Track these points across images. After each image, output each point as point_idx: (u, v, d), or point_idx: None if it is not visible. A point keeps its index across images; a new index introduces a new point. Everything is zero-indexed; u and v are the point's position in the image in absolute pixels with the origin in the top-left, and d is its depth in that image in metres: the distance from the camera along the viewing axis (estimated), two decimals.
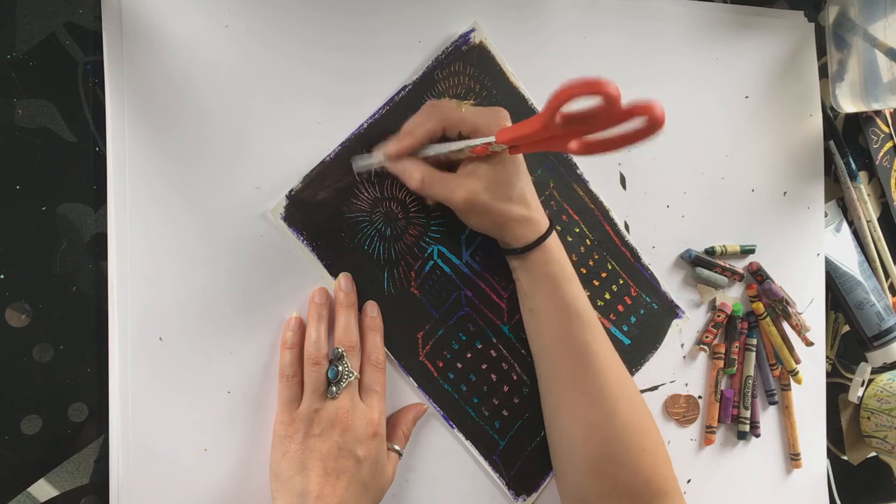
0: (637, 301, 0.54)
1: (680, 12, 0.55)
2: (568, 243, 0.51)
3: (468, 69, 0.48)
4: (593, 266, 0.52)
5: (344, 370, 0.41)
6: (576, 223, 0.52)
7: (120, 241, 0.41)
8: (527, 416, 0.50)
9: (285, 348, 0.43)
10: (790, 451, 0.59)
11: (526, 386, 0.50)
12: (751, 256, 0.58)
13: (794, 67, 0.59)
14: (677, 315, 0.55)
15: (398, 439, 0.45)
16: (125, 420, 0.41)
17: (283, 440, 0.41)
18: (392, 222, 0.47)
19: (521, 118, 0.41)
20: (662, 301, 0.55)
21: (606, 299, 0.53)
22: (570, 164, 0.52)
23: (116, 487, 0.41)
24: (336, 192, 0.45)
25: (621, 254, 0.53)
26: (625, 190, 0.54)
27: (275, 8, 0.44)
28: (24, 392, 0.40)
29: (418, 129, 0.43)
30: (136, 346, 0.41)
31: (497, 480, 0.49)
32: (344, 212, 0.46)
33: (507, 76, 0.50)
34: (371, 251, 0.47)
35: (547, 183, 0.51)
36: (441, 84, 0.48)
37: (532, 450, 0.50)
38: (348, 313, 0.44)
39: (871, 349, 0.62)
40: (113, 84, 0.41)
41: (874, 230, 0.63)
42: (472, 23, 0.48)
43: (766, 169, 0.58)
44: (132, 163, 0.41)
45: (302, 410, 0.41)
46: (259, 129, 0.44)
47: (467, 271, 0.49)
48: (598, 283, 0.53)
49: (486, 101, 0.49)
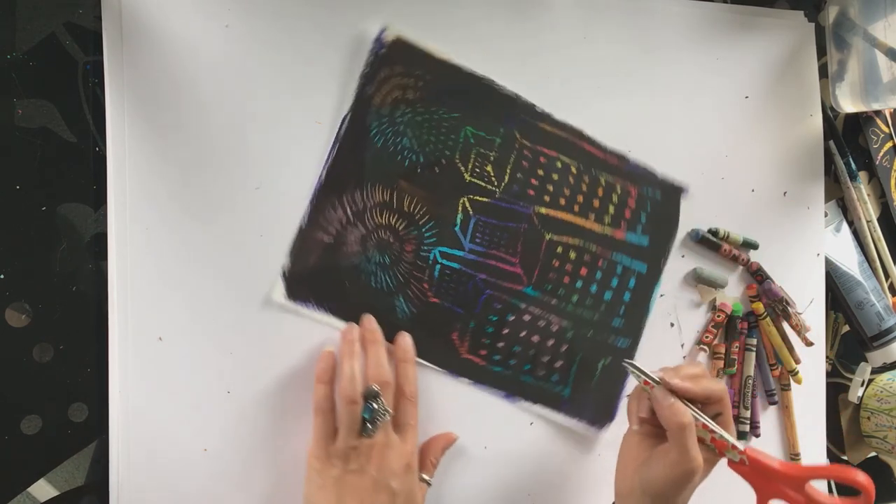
0: (640, 198, 0.53)
1: (680, 12, 0.55)
2: (555, 180, 0.51)
3: (396, 69, 0.46)
4: (589, 186, 0.52)
5: (379, 408, 0.42)
6: (555, 158, 0.51)
7: (120, 241, 0.41)
8: (580, 356, 0.52)
9: (320, 383, 0.43)
10: (790, 451, 0.59)
11: (569, 330, 0.51)
12: (752, 253, 0.58)
13: (794, 67, 0.59)
14: (683, 192, 0.55)
15: (427, 469, 0.46)
16: (125, 420, 0.41)
17: (320, 474, 0.41)
18: (386, 249, 0.47)
19: (461, 87, 0.45)
20: (664, 187, 0.54)
21: (612, 212, 0.52)
22: (529, 106, 0.50)
23: (116, 487, 0.41)
24: (324, 250, 0.45)
25: (608, 163, 0.52)
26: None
27: (275, 8, 0.44)
28: (24, 392, 0.40)
29: (702, 382, 0.43)
30: (136, 346, 0.41)
31: (576, 424, 0.51)
32: (340, 262, 0.46)
33: (434, 56, 0.47)
34: (379, 285, 0.47)
35: (513, 136, 0.50)
36: (377, 97, 0.46)
37: (596, 382, 0.52)
38: (378, 350, 0.44)
39: (871, 349, 0.62)
40: (113, 84, 0.41)
41: (874, 230, 0.63)
42: (381, 23, 0.46)
43: (766, 169, 0.58)
44: (132, 163, 0.41)
45: (339, 447, 0.41)
46: (259, 129, 0.44)
47: (474, 257, 0.49)
48: (598, 202, 0.52)
49: (425, 90, 0.47)
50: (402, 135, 0.47)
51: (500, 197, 0.49)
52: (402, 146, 0.47)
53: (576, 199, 0.51)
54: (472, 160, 0.48)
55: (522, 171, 0.50)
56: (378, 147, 0.46)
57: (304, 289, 0.45)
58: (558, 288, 0.51)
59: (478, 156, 0.48)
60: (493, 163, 0.49)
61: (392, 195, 0.47)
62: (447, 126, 0.47)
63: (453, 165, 0.48)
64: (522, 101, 0.50)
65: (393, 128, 0.46)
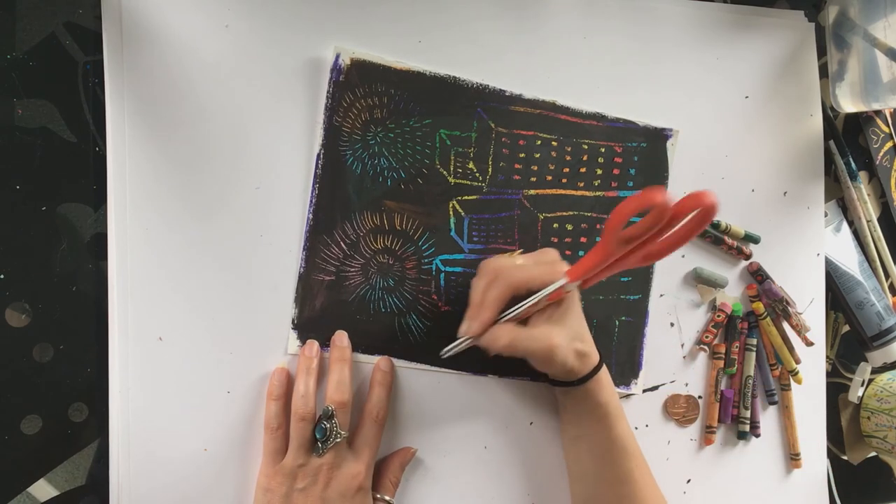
0: (626, 153, 0.53)
1: (680, 12, 0.55)
2: (538, 159, 0.50)
3: (358, 92, 0.46)
4: (573, 156, 0.51)
5: (332, 429, 0.41)
6: (533, 137, 0.50)
7: (120, 241, 0.41)
8: (596, 322, 0.52)
9: (271, 399, 0.43)
10: (790, 451, 0.59)
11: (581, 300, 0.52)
12: (752, 253, 0.58)
13: (794, 67, 0.59)
14: (667, 136, 0.54)
15: (386, 488, 0.45)
16: (125, 420, 0.41)
17: (266, 492, 0.41)
18: (388, 271, 0.47)
19: (426, 92, 0.44)
20: (648, 135, 0.53)
21: (600, 174, 0.52)
22: (497, 92, 0.49)
23: (116, 487, 0.41)
24: (328, 289, 0.46)
25: (588, 128, 0.52)
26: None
27: (275, 7, 0.44)
28: (24, 392, 0.40)
29: (490, 300, 0.42)
30: (136, 346, 0.41)
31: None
32: (345, 298, 0.46)
33: (393, 68, 0.47)
34: (388, 309, 0.47)
35: (488, 126, 0.49)
36: (346, 125, 0.46)
37: (616, 342, 0.53)
38: (342, 368, 0.43)
39: (871, 349, 0.62)
40: (113, 84, 0.41)
41: (874, 230, 0.63)
42: (333, 48, 0.45)
43: (766, 169, 0.58)
44: (132, 163, 0.41)
45: (286, 464, 0.41)
46: (259, 129, 0.44)
47: (475, 256, 0.49)
48: (584, 168, 0.52)
49: (392, 105, 0.47)
50: (379, 155, 0.46)
51: (487, 191, 0.49)
52: (381, 167, 0.46)
53: (562, 172, 0.51)
54: (452, 162, 0.48)
55: (504, 159, 0.49)
56: (358, 175, 0.46)
57: (316, 333, 0.45)
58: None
59: (457, 156, 0.48)
60: (474, 158, 0.48)
61: (382, 218, 0.47)
62: (421, 134, 0.47)
63: (435, 172, 0.48)
64: (490, 90, 0.49)
65: (368, 151, 0.46)
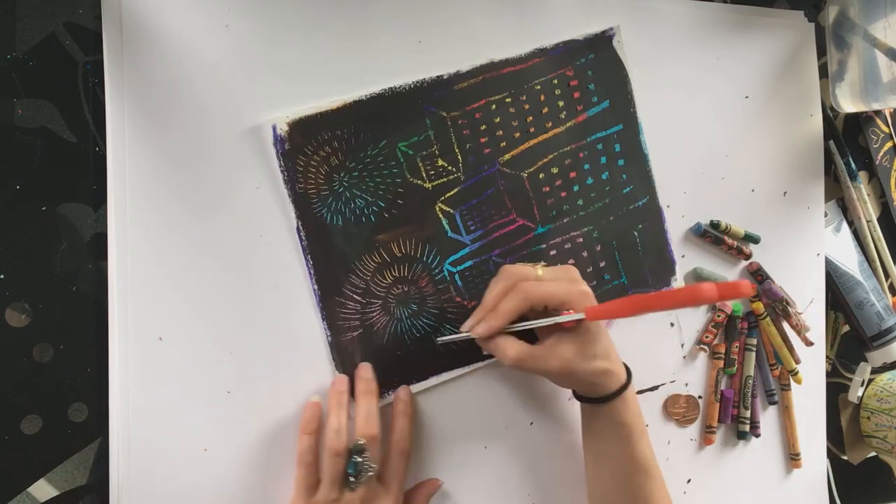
0: (579, 71, 0.52)
1: (680, 12, 0.55)
2: (499, 123, 0.50)
3: (308, 150, 0.45)
4: (529, 102, 0.50)
5: (364, 463, 0.41)
6: (486, 105, 0.49)
7: (120, 241, 0.41)
8: (615, 242, 0.53)
9: (304, 433, 0.43)
10: (790, 451, 0.59)
11: (593, 231, 0.52)
12: (752, 253, 0.58)
13: (794, 67, 0.59)
14: (611, 37, 0.52)
15: None
16: (125, 420, 0.41)
17: None
18: (406, 299, 0.47)
19: (370, 116, 0.45)
20: (592, 45, 0.52)
21: (562, 106, 0.51)
22: (436, 81, 0.48)
23: (116, 487, 0.41)
24: (360, 344, 0.46)
25: (531, 69, 0.51)
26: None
27: (275, 7, 0.44)
28: (24, 392, 0.40)
29: (504, 310, 0.42)
30: (136, 346, 0.41)
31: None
32: (379, 342, 0.47)
33: (329, 111, 0.45)
34: (421, 332, 0.48)
35: (440, 117, 0.48)
36: (310, 187, 0.45)
37: (642, 251, 0.54)
38: (370, 401, 0.44)
39: (871, 349, 0.62)
40: (113, 84, 0.41)
41: (874, 230, 0.63)
42: (266, 121, 0.44)
43: (766, 169, 0.58)
44: (132, 163, 0.41)
45: (319, 499, 0.41)
46: (259, 129, 0.44)
47: (479, 243, 0.49)
48: (546, 109, 0.51)
49: (344, 145, 0.45)
50: (352, 199, 0.46)
51: (465, 178, 0.49)
52: (359, 207, 0.46)
53: (527, 122, 0.51)
54: (422, 168, 0.48)
55: (469, 140, 0.49)
56: (341, 226, 0.46)
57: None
58: (562, 205, 0.51)
59: (424, 160, 0.48)
60: (441, 154, 0.48)
61: (380, 253, 0.47)
62: (382, 157, 0.47)
63: (410, 185, 0.47)
64: (429, 81, 0.48)
65: (341, 200, 0.46)
